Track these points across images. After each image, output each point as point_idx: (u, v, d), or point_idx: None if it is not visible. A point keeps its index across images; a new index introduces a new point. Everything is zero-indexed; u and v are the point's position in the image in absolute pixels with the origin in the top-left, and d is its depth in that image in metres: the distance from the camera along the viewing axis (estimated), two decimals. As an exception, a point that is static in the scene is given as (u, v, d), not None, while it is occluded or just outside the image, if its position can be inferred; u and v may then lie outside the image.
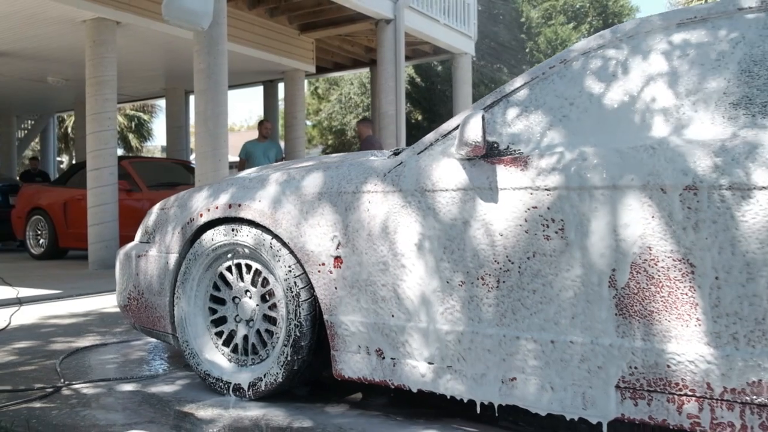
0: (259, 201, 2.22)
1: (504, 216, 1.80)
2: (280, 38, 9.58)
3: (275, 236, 2.18)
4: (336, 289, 2.06)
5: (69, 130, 20.99)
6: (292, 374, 2.14)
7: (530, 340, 1.77)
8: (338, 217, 2.07)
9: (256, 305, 2.27)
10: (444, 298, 1.89)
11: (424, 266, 1.91)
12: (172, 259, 2.45)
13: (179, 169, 8.72)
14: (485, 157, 1.88)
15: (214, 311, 2.38)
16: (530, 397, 1.78)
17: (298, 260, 2.13)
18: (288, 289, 2.13)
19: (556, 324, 1.73)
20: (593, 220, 1.68)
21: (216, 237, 2.31)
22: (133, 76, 10.35)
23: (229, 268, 2.33)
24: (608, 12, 20.02)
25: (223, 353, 2.35)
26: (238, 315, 2.31)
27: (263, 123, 8.31)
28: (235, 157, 8.77)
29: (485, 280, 1.82)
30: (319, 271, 2.08)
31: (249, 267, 2.28)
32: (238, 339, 2.31)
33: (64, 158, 24.06)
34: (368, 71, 12.46)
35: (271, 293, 2.23)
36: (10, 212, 8.94)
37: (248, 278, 2.28)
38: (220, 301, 2.36)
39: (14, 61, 9.20)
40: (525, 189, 1.78)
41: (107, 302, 4.57)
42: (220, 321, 2.37)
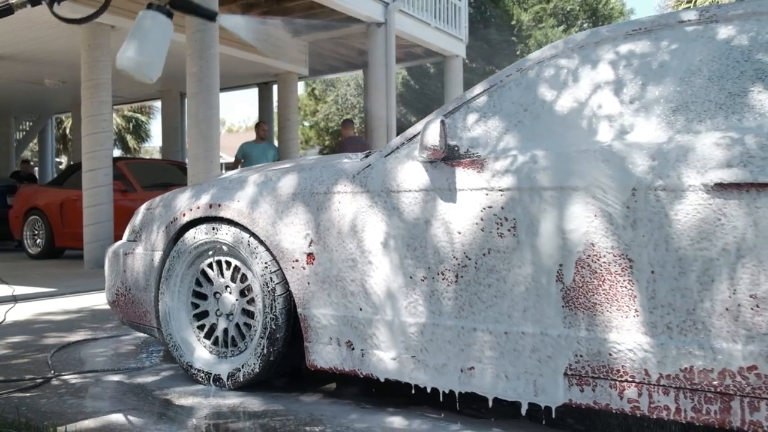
0: (238, 201, 2.34)
1: (462, 215, 1.92)
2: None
3: (253, 234, 2.31)
4: (309, 284, 2.18)
5: (67, 131, 21.09)
6: (268, 365, 2.26)
7: (486, 332, 1.89)
8: (311, 217, 2.19)
9: (236, 300, 2.39)
10: (408, 293, 2.01)
11: (389, 263, 2.04)
12: (157, 256, 2.57)
13: (174, 170, 8.83)
14: (446, 160, 2.00)
15: (196, 306, 2.50)
16: (487, 385, 1.90)
17: (273, 257, 2.26)
18: (264, 285, 2.26)
19: (510, 316, 1.86)
20: (542, 219, 1.81)
21: (198, 235, 2.44)
22: (128, 78, 10.43)
23: (210, 265, 2.45)
24: (598, 15, 20.10)
25: (204, 345, 2.48)
26: (218, 309, 2.43)
27: (260, 125, 8.46)
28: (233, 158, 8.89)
29: (445, 276, 1.95)
30: (293, 267, 2.21)
31: (229, 264, 2.41)
32: (218, 332, 2.43)
33: (63, 159, 24.18)
34: (363, 73, 12.57)
35: (249, 288, 2.36)
36: (8, 212, 9.06)
37: (228, 274, 2.41)
38: (202, 297, 2.49)
39: (12, 63, 9.33)
40: (481, 190, 1.90)
41: (100, 300, 4.68)
42: (202, 315, 2.49)
